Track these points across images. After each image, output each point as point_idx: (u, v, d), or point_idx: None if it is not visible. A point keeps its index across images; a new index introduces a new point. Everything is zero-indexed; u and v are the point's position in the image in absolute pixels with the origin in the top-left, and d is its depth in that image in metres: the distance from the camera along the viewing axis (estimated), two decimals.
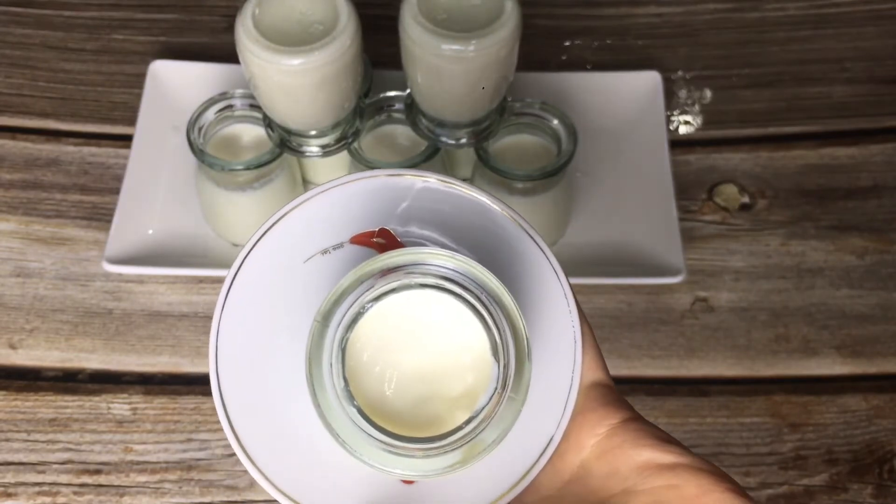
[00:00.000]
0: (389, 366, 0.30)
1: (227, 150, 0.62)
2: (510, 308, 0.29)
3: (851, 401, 0.60)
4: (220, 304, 0.33)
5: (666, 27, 0.78)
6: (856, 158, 0.71)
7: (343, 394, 0.28)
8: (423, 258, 0.29)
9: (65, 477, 0.56)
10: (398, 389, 0.30)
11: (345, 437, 0.28)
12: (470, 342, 0.30)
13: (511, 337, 0.29)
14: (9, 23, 0.76)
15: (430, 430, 0.29)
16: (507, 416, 0.29)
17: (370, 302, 0.29)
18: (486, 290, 0.29)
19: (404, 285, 0.29)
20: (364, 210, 0.33)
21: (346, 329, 0.29)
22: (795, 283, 0.65)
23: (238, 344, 0.32)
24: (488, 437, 0.28)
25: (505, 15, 0.52)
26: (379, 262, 0.29)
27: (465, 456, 0.28)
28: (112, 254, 0.61)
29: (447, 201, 0.34)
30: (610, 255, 0.64)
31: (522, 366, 0.29)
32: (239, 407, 0.32)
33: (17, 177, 0.68)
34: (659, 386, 0.61)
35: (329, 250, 0.33)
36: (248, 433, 0.32)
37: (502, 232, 0.33)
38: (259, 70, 0.52)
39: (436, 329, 0.30)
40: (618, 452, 0.31)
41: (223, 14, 0.77)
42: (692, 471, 0.30)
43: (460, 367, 0.30)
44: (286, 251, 0.33)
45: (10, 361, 0.61)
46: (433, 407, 0.30)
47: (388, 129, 0.63)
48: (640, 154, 0.68)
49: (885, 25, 0.78)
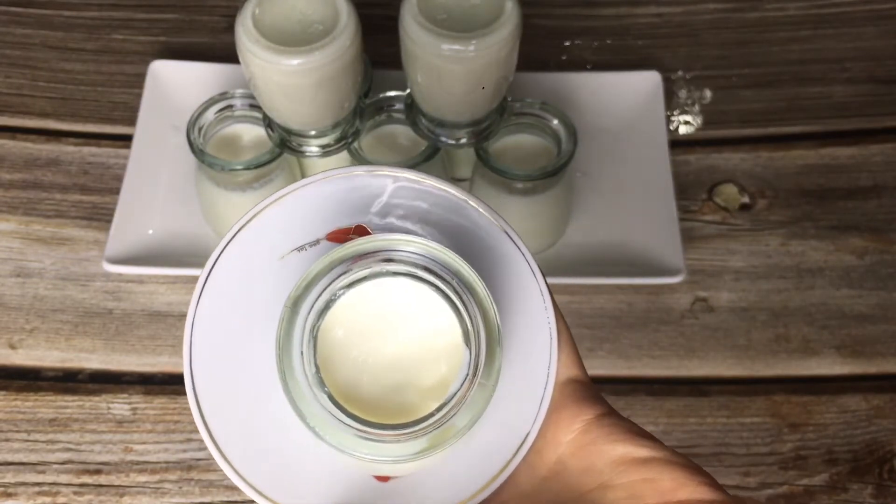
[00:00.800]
0: (362, 354, 0.30)
1: (227, 150, 0.62)
2: (481, 295, 0.29)
3: (851, 401, 0.60)
4: (195, 300, 0.33)
5: (666, 27, 0.78)
6: (856, 158, 0.71)
7: (314, 380, 0.28)
8: (395, 244, 0.29)
9: (65, 477, 0.56)
10: (371, 378, 0.30)
11: (314, 423, 0.28)
12: (442, 330, 0.30)
13: (482, 323, 0.29)
14: (9, 23, 0.76)
15: (403, 419, 0.29)
16: (479, 402, 0.29)
17: (342, 289, 0.29)
18: (457, 277, 0.29)
19: (376, 272, 0.29)
20: (340, 207, 0.33)
21: (317, 315, 0.29)
22: (795, 283, 0.65)
23: (212, 341, 0.32)
24: (459, 421, 0.28)
25: (505, 15, 0.52)
26: (351, 248, 0.29)
27: (436, 441, 0.28)
28: (112, 254, 0.61)
29: (424, 199, 0.34)
30: (610, 255, 0.64)
31: (493, 352, 0.29)
32: (213, 405, 0.32)
33: (17, 177, 0.68)
34: (659, 386, 0.61)
35: (305, 247, 0.33)
36: (223, 431, 0.31)
37: (479, 230, 0.33)
38: (259, 70, 0.52)
39: (408, 317, 0.30)
40: (592, 448, 0.31)
41: (223, 14, 0.77)
42: (667, 464, 0.30)
43: (433, 356, 0.30)
44: (261, 248, 0.33)
45: (10, 361, 0.61)
46: (406, 396, 0.30)
47: (388, 129, 0.63)
48: (640, 154, 0.68)
49: (885, 25, 0.78)
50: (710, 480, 0.29)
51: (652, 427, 0.59)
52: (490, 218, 0.34)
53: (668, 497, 0.29)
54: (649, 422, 0.59)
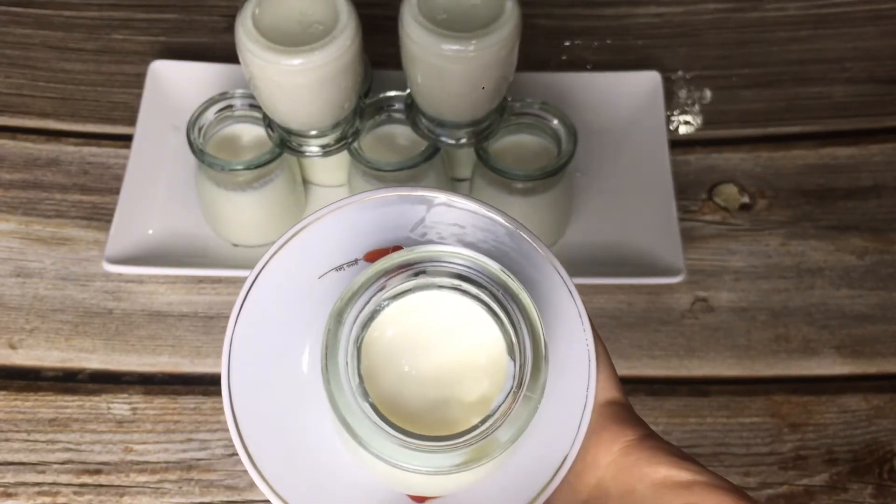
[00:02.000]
0: (406, 366, 0.30)
1: (227, 150, 0.62)
2: (528, 306, 0.29)
3: (851, 401, 0.60)
4: (234, 318, 0.32)
5: (666, 27, 0.78)
6: (856, 158, 0.71)
7: (358, 390, 0.28)
8: (440, 255, 0.29)
9: (65, 477, 0.56)
10: (414, 391, 0.30)
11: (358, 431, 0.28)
12: (486, 344, 0.30)
13: (528, 335, 0.29)
14: (9, 23, 0.76)
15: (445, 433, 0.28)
16: (523, 416, 0.28)
17: (387, 300, 0.29)
18: (502, 289, 0.29)
19: (421, 285, 0.29)
20: (379, 227, 0.33)
21: (361, 327, 0.28)
22: (795, 283, 0.65)
23: (250, 359, 0.32)
24: (502, 435, 0.28)
25: (505, 15, 0.52)
26: (395, 260, 0.29)
27: (479, 454, 0.28)
28: (112, 254, 0.61)
29: (463, 219, 0.33)
30: (610, 255, 0.64)
31: (539, 365, 0.29)
32: (250, 421, 0.32)
33: (17, 177, 0.68)
34: (659, 386, 0.61)
35: (343, 267, 0.33)
36: (260, 448, 0.31)
37: (516, 252, 0.33)
38: (259, 70, 0.52)
39: (452, 330, 0.30)
40: (633, 470, 0.30)
41: (223, 14, 0.77)
42: (709, 488, 0.29)
43: (477, 370, 0.30)
44: (301, 267, 0.33)
45: (10, 361, 0.61)
46: (449, 410, 0.30)
47: (388, 129, 0.63)
48: (640, 154, 0.68)
49: (885, 25, 0.78)
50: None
51: (651, 427, 0.59)
52: (528, 240, 0.34)
53: None
54: (649, 422, 0.59)
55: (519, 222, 0.34)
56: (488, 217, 0.34)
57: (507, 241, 0.33)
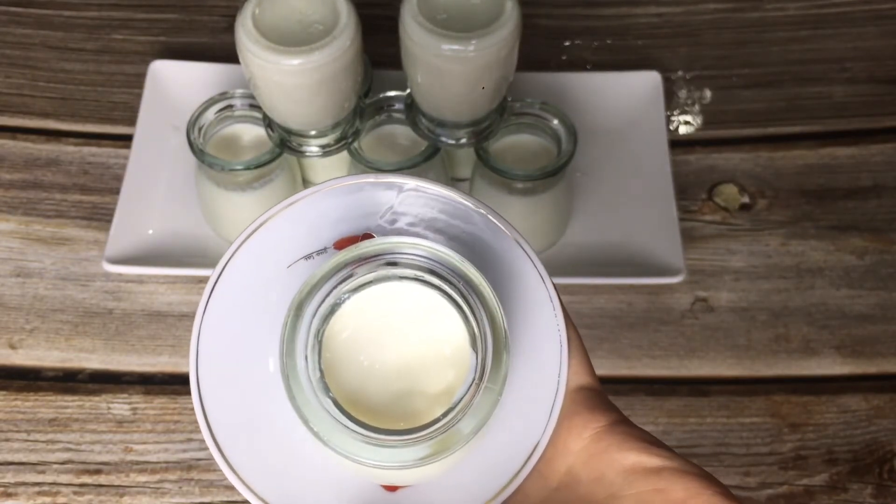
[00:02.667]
0: (368, 359, 0.30)
1: (227, 150, 0.62)
2: (488, 298, 0.29)
3: (851, 401, 0.60)
4: (202, 308, 0.32)
5: (666, 27, 0.78)
6: (856, 158, 0.71)
7: (318, 385, 0.28)
8: (400, 247, 0.29)
9: (65, 477, 0.56)
10: (377, 383, 0.30)
11: (318, 428, 0.28)
12: (450, 335, 0.29)
13: (489, 327, 0.29)
14: (9, 23, 0.76)
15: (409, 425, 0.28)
16: (485, 407, 0.28)
17: (347, 293, 0.29)
18: (464, 280, 0.29)
19: (383, 276, 0.29)
20: (348, 214, 0.33)
21: (322, 320, 0.28)
22: (795, 283, 0.65)
23: (219, 350, 0.32)
24: (465, 427, 0.28)
25: (505, 15, 0.52)
26: (356, 252, 0.29)
27: (442, 446, 0.28)
28: (112, 254, 0.61)
29: (433, 206, 0.33)
30: (610, 255, 0.64)
31: (500, 356, 0.29)
32: (218, 411, 0.31)
33: (17, 177, 0.68)
34: (659, 386, 0.61)
35: (313, 255, 0.33)
36: (228, 439, 0.31)
37: (487, 236, 0.33)
38: (259, 70, 0.52)
39: (415, 322, 0.30)
40: (604, 457, 0.30)
41: (223, 14, 0.77)
42: (679, 474, 0.29)
43: (440, 362, 0.30)
44: (269, 256, 0.33)
45: (10, 361, 0.61)
46: (413, 402, 0.30)
47: (388, 129, 0.63)
48: (640, 154, 0.68)
49: (885, 25, 0.78)
50: (723, 490, 0.29)
51: (652, 427, 0.59)
52: (499, 225, 0.33)
53: None
54: (649, 422, 0.59)
55: (489, 207, 0.33)
56: (458, 202, 0.33)
57: (477, 226, 0.33)
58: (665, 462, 0.30)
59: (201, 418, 0.31)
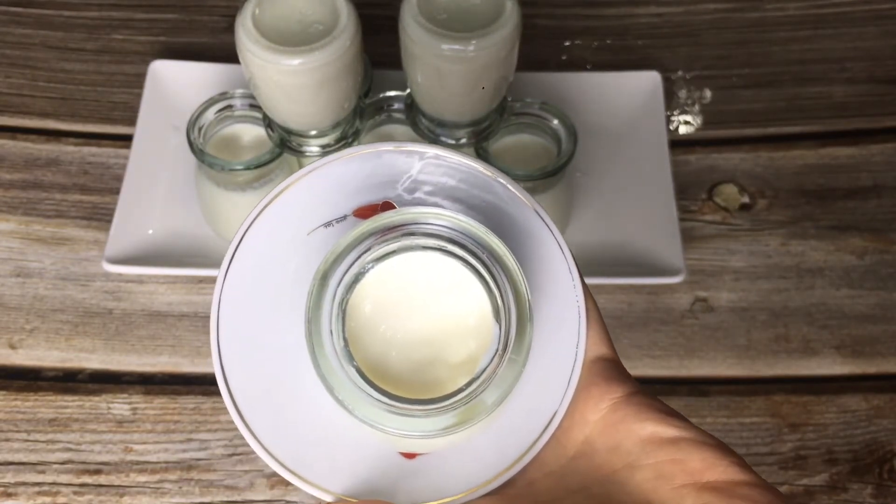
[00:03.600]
0: (391, 329, 0.30)
1: (227, 150, 0.62)
2: (512, 269, 0.29)
3: (851, 401, 0.60)
4: (222, 275, 0.32)
5: (666, 27, 0.78)
6: (856, 158, 0.71)
7: (343, 353, 0.28)
8: (425, 217, 0.29)
9: (65, 477, 0.56)
10: (400, 353, 0.30)
11: (343, 396, 0.28)
12: (472, 305, 0.30)
13: (513, 299, 0.29)
14: (9, 23, 0.76)
15: (431, 395, 0.28)
16: (508, 378, 0.28)
17: (371, 262, 0.29)
18: (487, 251, 0.29)
19: (406, 246, 0.29)
20: (368, 182, 0.33)
21: (346, 289, 0.28)
22: (795, 283, 0.65)
23: (240, 318, 0.32)
24: (488, 398, 0.28)
25: (505, 15, 0.52)
26: (380, 222, 0.29)
27: (465, 417, 0.28)
28: (112, 254, 0.61)
29: (452, 175, 0.33)
30: (610, 255, 0.64)
31: (524, 328, 0.29)
32: (240, 380, 0.31)
33: (17, 177, 0.68)
34: (659, 386, 0.61)
35: (332, 223, 0.33)
36: (250, 406, 0.31)
37: (508, 206, 0.33)
38: (259, 70, 0.52)
39: (438, 292, 0.30)
40: (620, 427, 0.30)
41: (223, 14, 0.77)
42: (696, 444, 0.29)
43: (463, 332, 0.30)
44: (289, 223, 0.33)
45: (10, 361, 0.61)
46: (435, 371, 0.30)
47: (388, 129, 0.63)
48: (640, 154, 0.68)
49: (885, 25, 0.78)
50: (739, 461, 0.29)
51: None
52: (518, 195, 0.33)
53: (697, 478, 0.28)
54: None
55: (508, 176, 0.33)
56: (478, 171, 0.33)
57: (497, 195, 0.33)
58: (682, 433, 0.30)
59: (222, 384, 0.31)
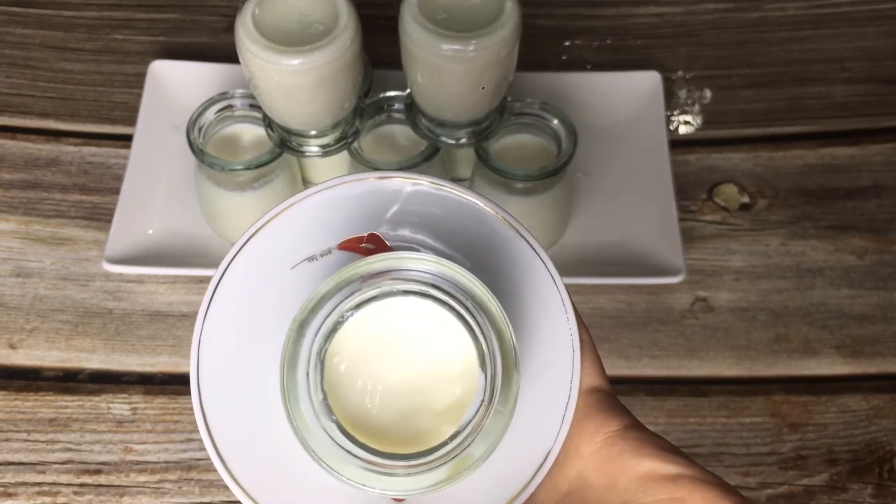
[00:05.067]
0: (372, 378, 0.29)
1: (227, 150, 0.62)
2: (496, 316, 0.28)
3: (851, 401, 0.60)
4: (203, 311, 0.31)
5: (666, 27, 0.78)
6: (856, 158, 0.71)
7: (321, 407, 0.27)
8: (406, 263, 0.28)
9: (65, 477, 0.56)
10: (381, 403, 0.28)
11: (322, 455, 0.26)
12: (457, 351, 0.28)
13: (498, 346, 0.27)
14: (9, 23, 0.76)
15: (416, 445, 0.27)
16: (495, 430, 0.27)
17: (350, 310, 0.28)
18: (471, 297, 0.28)
19: (386, 292, 0.28)
20: (353, 214, 0.32)
21: (324, 338, 0.27)
22: (795, 283, 0.65)
23: (220, 354, 0.31)
24: (475, 451, 0.27)
25: (505, 15, 0.52)
26: (360, 268, 0.28)
27: (452, 472, 0.27)
28: (112, 254, 0.61)
29: (439, 205, 0.32)
30: (610, 255, 0.64)
31: (510, 376, 0.27)
32: (220, 418, 0.30)
33: (17, 177, 0.68)
34: (659, 386, 0.61)
35: (316, 257, 0.32)
36: (229, 446, 0.30)
37: (498, 237, 0.32)
38: (259, 70, 0.52)
39: (421, 338, 0.29)
40: (617, 462, 0.29)
41: (223, 14, 0.77)
42: (697, 482, 0.28)
43: (447, 378, 0.29)
44: (272, 257, 0.32)
45: (10, 361, 0.61)
46: (419, 420, 0.29)
47: (388, 129, 0.63)
48: (640, 154, 0.68)
49: (885, 25, 0.78)
50: (741, 500, 0.28)
51: (652, 427, 0.58)
52: (509, 225, 0.32)
53: None
54: (649, 422, 0.59)
55: (498, 205, 0.32)
56: (467, 200, 0.32)
57: (486, 225, 0.32)
58: (682, 469, 0.29)
59: (202, 426, 0.31)
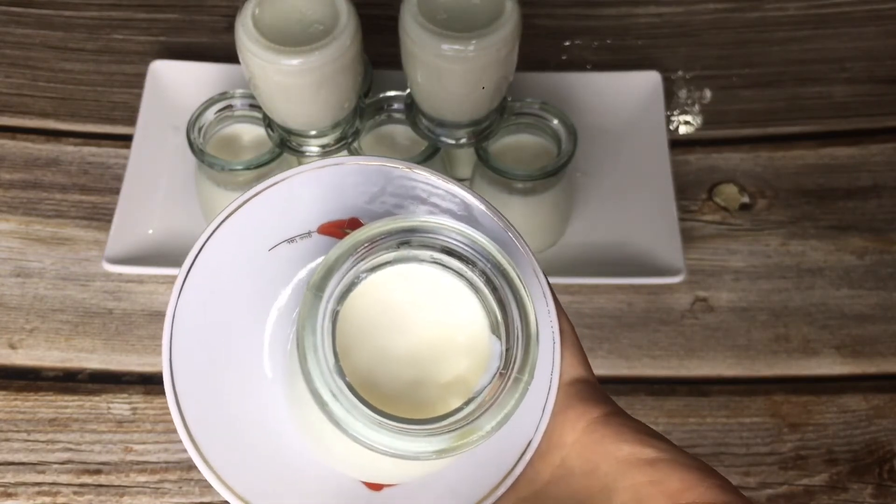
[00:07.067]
0: (381, 344, 0.28)
1: (227, 150, 0.62)
2: (517, 284, 0.27)
3: (851, 401, 0.60)
4: (178, 288, 0.30)
5: (666, 27, 0.78)
6: (856, 158, 0.71)
7: (334, 369, 0.26)
8: (431, 226, 0.27)
9: (65, 477, 0.56)
10: (389, 371, 0.28)
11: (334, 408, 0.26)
12: (466, 322, 0.28)
13: (518, 314, 0.27)
14: (9, 23, 0.76)
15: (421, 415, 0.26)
16: (510, 401, 0.26)
17: (365, 272, 0.27)
18: (493, 265, 0.27)
19: (401, 258, 0.27)
20: (333, 197, 0.31)
21: (336, 301, 0.27)
22: (795, 283, 0.65)
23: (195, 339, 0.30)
24: (487, 423, 0.26)
25: (505, 15, 0.52)
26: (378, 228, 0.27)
27: (458, 442, 0.26)
28: (112, 254, 0.61)
29: (419, 191, 0.32)
30: (610, 255, 0.64)
31: (530, 345, 0.27)
32: (195, 406, 0.30)
33: (17, 177, 0.68)
34: (659, 386, 0.61)
35: (295, 239, 0.31)
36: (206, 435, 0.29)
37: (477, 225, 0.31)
38: (259, 70, 0.52)
39: (431, 307, 0.28)
40: (598, 448, 0.29)
41: (223, 14, 0.77)
42: (675, 465, 0.28)
43: (454, 350, 0.28)
44: (250, 237, 0.31)
45: (10, 361, 0.61)
46: (424, 392, 0.28)
47: (388, 129, 0.63)
48: (640, 154, 0.68)
49: (885, 25, 0.78)
50: (721, 482, 0.28)
51: (651, 427, 0.59)
52: (489, 214, 0.32)
53: (676, 499, 0.28)
54: (649, 422, 0.59)
55: (484, 199, 0.32)
56: (448, 189, 0.32)
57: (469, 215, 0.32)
58: (660, 453, 0.29)
59: (176, 415, 0.29)
